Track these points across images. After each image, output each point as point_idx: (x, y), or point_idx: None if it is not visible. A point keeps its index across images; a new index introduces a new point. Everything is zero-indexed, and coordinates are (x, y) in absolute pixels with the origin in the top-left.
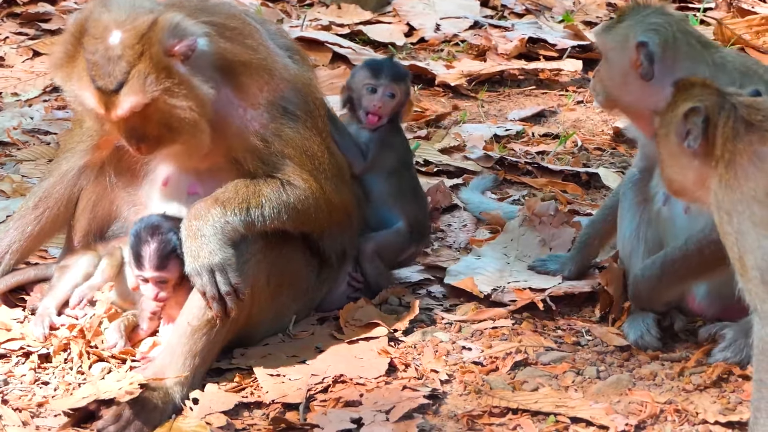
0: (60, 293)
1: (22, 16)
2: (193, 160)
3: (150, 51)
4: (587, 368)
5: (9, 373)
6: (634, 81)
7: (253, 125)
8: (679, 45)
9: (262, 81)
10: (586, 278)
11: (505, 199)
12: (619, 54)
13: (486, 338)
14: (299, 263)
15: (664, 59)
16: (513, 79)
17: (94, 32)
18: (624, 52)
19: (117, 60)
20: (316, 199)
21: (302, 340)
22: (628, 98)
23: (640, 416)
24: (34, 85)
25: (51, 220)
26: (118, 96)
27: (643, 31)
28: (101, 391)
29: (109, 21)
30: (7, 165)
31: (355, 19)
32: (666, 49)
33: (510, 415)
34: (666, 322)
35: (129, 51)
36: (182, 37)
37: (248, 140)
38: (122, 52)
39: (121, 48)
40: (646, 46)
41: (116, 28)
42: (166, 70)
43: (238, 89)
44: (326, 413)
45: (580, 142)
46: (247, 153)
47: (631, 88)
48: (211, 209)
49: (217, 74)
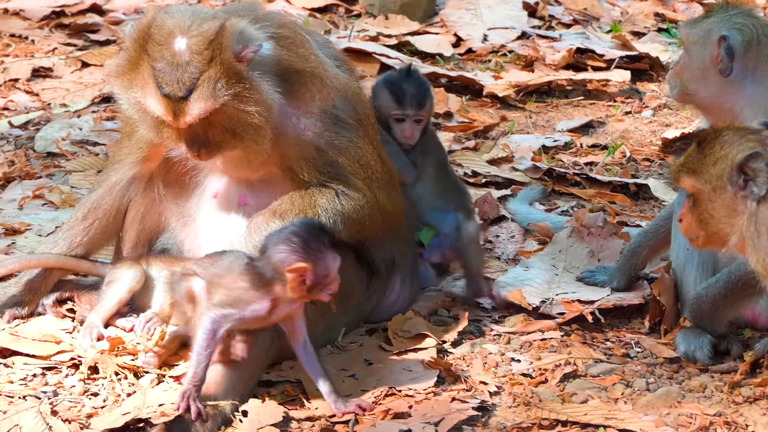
0: (106, 306)
1: (70, 27)
2: (250, 168)
3: (220, 56)
4: (637, 380)
5: (59, 384)
6: (713, 76)
7: (307, 134)
8: (762, 47)
9: (315, 89)
10: (635, 290)
11: (553, 210)
12: (700, 48)
13: (535, 350)
14: (349, 276)
15: (745, 58)
16: (561, 89)
17: (158, 39)
18: (706, 46)
19: (185, 66)
20: (370, 207)
21: (351, 351)
22: (705, 93)
23: (689, 428)
24: (82, 96)
25: (100, 231)
26: (187, 102)
27: (728, 28)
28: (145, 405)
29: (174, 27)
30: (56, 176)
31: (402, 29)
32: (748, 49)
33: (559, 428)
34: (722, 346)
35: (198, 57)
36: (248, 42)
37: (303, 149)
38: (191, 58)
39: (189, 54)
40: (726, 41)
41: (182, 35)
42: (236, 75)
43: (293, 97)
44: (375, 425)
45: (629, 152)
46: (302, 161)
47: (709, 84)
48: (270, 222)
49: (276, 80)
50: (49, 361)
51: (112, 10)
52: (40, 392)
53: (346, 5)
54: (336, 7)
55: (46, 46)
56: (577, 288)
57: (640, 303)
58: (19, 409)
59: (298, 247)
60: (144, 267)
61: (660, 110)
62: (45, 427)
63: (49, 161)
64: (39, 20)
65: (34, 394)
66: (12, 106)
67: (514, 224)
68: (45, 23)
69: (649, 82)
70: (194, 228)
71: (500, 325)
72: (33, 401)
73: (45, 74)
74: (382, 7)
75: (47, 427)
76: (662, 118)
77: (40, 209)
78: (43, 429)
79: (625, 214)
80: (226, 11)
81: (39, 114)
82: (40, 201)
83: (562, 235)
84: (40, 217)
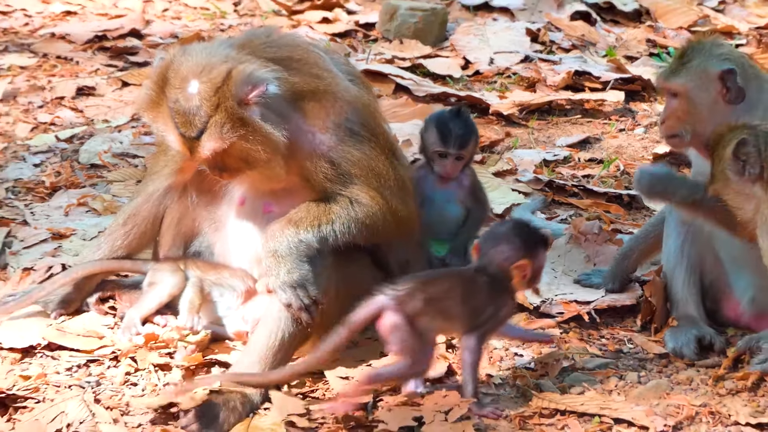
0: (147, 307)
1: (111, 49)
2: (270, 183)
3: (225, 104)
4: (629, 374)
5: (101, 375)
6: (722, 109)
7: (322, 148)
8: (746, 68)
9: (328, 105)
10: (628, 291)
11: (553, 218)
12: (702, 90)
13: (536, 346)
14: (366, 276)
15: (748, 86)
16: (560, 108)
17: (174, 82)
18: (708, 85)
19: (196, 110)
20: (383, 213)
21: (368, 346)
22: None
23: (677, 418)
24: (122, 112)
25: (138, 235)
26: (199, 142)
27: (720, 62)
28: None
29: (187, 72)
30: (99, 185)
31: (415, 53)
32: (747, 80)
33: (558, 416)
34: (705, 341)
35: (206, 103)
36: (255, 84)
37: (319, 162)
38: (200, 103)
39: (199, 99)
40: (732, 73)
41: (194, 78)
42: (240, 120)
43: (307, 116)
44: (391, 410)
45: (623, 166)
46: (319, 174)
47: (718, 117)
48: (285, 230)
49: (289, 105)
50: (92, 354)
51: (149, 34)
52: (84, 382)
53: (364, 31)
54: (355, 32)
55: (89, 67)
56: (575, 289)
57: (632, 303)
58: (65, 397)
59: (518, 246)
60: (183, 269)
61: (651, 128)
62: (89, 413)
63: (92, 172)
64: (83, 43)
65: (79, 384)
66: (58, 122)
67: None
68: (88, 46)
69: (641, 102)
70: (224, 233)
71: None
72: (78, 390)
73: (88, 93)
74: (397, 33)
75: (90, 413)
76: (653, 135)
77: (84, 216)
78: (86, 415)
79: (619, 222)
80: (241, 44)
81: (83, 129)
82: (84, 208)
83: (561, 242)
84: (84, 223)
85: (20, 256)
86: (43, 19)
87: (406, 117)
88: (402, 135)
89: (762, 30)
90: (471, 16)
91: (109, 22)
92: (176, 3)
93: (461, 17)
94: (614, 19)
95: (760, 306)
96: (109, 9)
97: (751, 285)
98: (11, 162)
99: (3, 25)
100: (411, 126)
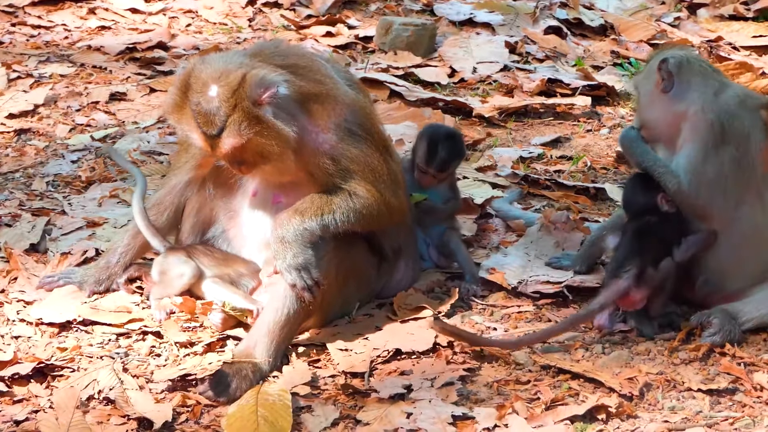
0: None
1: (140, 60)
2: (281, 175)
3: (242, 104)
4: (595, 346)
5: (129, 347)
6: (658, 99)
7: (325, 146)
8: (692, 65)
9: (330, 108)
10: (594, 273)
11: (528, 208)
12: (646, 81)
13: (513, 320)
14: (363, 260)
15: (680, 74)
16: (535, 111)
17: (195, 87)
18: (650, 77)
19: (216, 111)
20: (378, 204)
21: (364, 321)
22: (654, 116)
23: (637, 384)
24: (150, 115)
25: (162, 222)
26: (220, 139)
27: (662, 55)
28: (200, 365)
29: (207, 78)
30: (129, 180)
31: (408, 63)
32: (681, 68)
33: (533, 382)
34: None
35: (225, 104)
36: (267, 87)
37: (321, 159)
38: (219, 104)
39: (218, 101)
40: (666, 63)
41: (213, 83)
42: (255, 118)
43: (312, 116)
44: (383, 380)
45: (590, 162)
46: (321, 168)
47: (656, 106)
48: (292, 219)
49: (296, 106)
50: (121, 328)
51: (174, 46)
52: (114, 353)
53: (363, 43)
54: (355, 44)
55: (121, 75)
56: (547, 271)
57: (598, 285)
58: (97, 366)
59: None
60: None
61: (615, 129)
62: (117, 381)
63: (123, 168)
64: (116, 54)
65: (109, 355)
66: (93, 123)
67: (497, 219)
68: (120, 57)
69: (606, 106)
70: (238, 221)
71: (485, 300)
72: (108, 360)
73: (120, 98)
74: (392, 45)
75: (119, 381)
76: (616, 135)
77: (115, 206)
78: (115, 382)
79: (586, 212)
80: (253, 53)
81: (115, 130)
82: (115, 200)
83: (534, 229)
84: (115, 212)
85: (59, 242)
86: (80, 33)
87: (399, 119)
88: (395, 135)
89: (712, 42)
90: (457, 30)
91: (139, 35)
92: (198, 19)
93: (448, 32)
94: (582, 33)
95: (711, 286)
96: (139, 24)
97: (705, 269)
98: (51, 159)
99: (45, 38)
100: (403, 127)
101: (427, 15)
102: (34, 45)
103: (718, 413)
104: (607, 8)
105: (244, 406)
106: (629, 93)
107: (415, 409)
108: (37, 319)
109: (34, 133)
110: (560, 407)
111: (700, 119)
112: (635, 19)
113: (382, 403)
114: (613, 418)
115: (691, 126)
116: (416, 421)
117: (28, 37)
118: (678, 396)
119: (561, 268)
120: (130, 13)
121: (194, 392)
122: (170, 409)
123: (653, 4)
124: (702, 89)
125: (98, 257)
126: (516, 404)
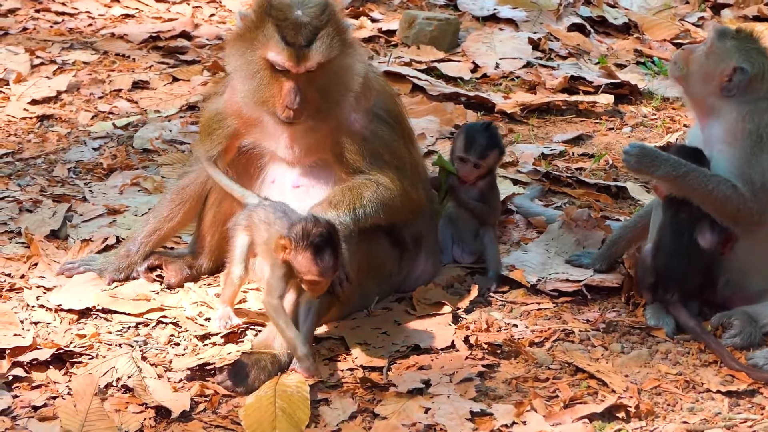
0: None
1: (163, 49)
2: (308, 152)
3: (334, 19)
4: (614, 345)
5: (148, 336)
6: (715, 86)
7: (356, 126)
8: (761, 79)
9: (365, 89)
10: (614, 273)
11: (549, 205)
12: (716, 61)
13: (532, 318)
14: (383, 254)
15: (748, 86)
16: (557, 108)
17: (280, 7)
18: (720, 63)
19: (306, 24)
20: (401, 197)
21: (383, 315)
22: (699, 90)
23: (656, 384)
24: (172, 104)
25: (184, 212)
26: (309, 50)
27: (743, 60)
28: (219, 355)
29: (291, 1)
30: (150, 168)
31: (431, 57)
32: (751, 80)
33: (551, 380)
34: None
35: (316, 19)
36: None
37: (352, 137)
38: (311, 19)
39: (309, 17)
40: (741, 72)
41: (299, 5)
42: (342, 39)
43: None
44: (402, 374)
45: (611, 160)
46: (351, 147)
47: (707, 88)
48: (328, 212)
49: None
50: (140, 317)
51: (197, 36)
52: (133, 341)
53: (386, 37)
54: (378, 38)
55: (144, 63)
56: (567, 269)
57: (617, 285)
58: (116, 354)
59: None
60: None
61: (637, 127)
62: (136, 369)
63: (144, 156)
64: (139, 43)
65: (128, 343)
66: (116, 111)
67: (518, 216)
68: (144, 45)
69: (629, 105)
70: None
71: (504, 297)
72: (127, 348)
73: (143, 86)
74: (415, 39)
75: (138, 369)
76: (638, 134)
77: (136, 194)
78: (134, 370)
79: (607, 210)
80: None
81: (137, 118)
82: (136, 188)
83: (555, 226)
84: (136, 200)
85: (79, 229)
86: (104, 21)
87: (421, 114)
88: (417, 129)
89: None
90: (480, 26)
91: (163, 24)
92: (221, 9)
93: (472, 27)
94: (606, 31)
95: (733, 288)
96: (163, 13)
97: (727, 269)
98: (73, 146)
99: (69, 25)
100: (425, 121)
101: (451, 10)
102: (58, 32)
103: (737, 415)
104: (631, 7)
105: (262, 397)
106: (652, 92)
107: (433, 404)
108: (56, 306)
109: (57, 119)
110: (579, 405)
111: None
112: (659, 18)
113: (400, 398)
114: (632, 417)
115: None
116: (434, 416)
117: (52, 23)
118: (697, 397)
119: (581, 266)
120: (154, 2)
121: (212, 382)
122: (188, 399)
123: (677, 3)
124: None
125: (119, 245)
126: (534, 401)
